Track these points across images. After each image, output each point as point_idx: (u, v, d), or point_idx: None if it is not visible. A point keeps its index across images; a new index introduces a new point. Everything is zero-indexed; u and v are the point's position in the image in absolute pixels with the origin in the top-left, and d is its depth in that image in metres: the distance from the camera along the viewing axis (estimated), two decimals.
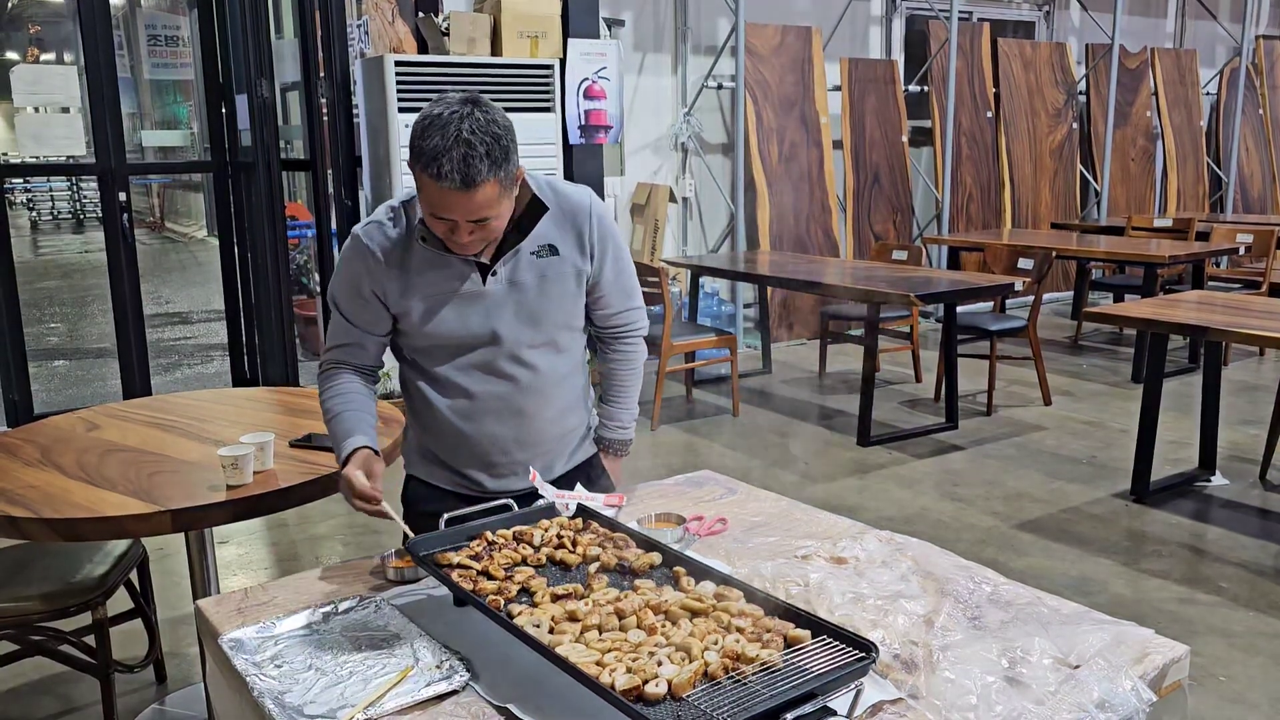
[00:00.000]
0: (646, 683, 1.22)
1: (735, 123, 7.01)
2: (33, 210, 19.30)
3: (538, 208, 1.82)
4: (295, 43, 5.46)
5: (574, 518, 1.75)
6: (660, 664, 1.26)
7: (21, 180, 17.17)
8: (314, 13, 5.26)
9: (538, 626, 1.37)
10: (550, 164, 5.39)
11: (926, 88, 8.01)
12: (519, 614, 1.41)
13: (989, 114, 8.32)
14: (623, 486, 2.09)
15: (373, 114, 5.13)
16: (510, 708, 1.33)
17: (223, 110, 5.40)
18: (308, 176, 5.70)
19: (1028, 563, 3.65)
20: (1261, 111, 10.21)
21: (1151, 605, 3.32)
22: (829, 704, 1.22)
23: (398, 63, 4.95)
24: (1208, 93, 9.97)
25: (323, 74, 5.36)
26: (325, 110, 5.43)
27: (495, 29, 5.31)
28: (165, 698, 2.85)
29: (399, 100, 4.94)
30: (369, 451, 1.79)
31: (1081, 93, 8.99)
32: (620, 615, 1.40)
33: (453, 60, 5.16)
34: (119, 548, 2.62)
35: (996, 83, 8.36)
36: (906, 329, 6.06)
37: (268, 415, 2.70)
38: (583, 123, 5.74)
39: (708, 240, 7.37)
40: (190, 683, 2.89)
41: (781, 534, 1.89)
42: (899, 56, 8.11)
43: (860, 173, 7.62)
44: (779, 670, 1.24)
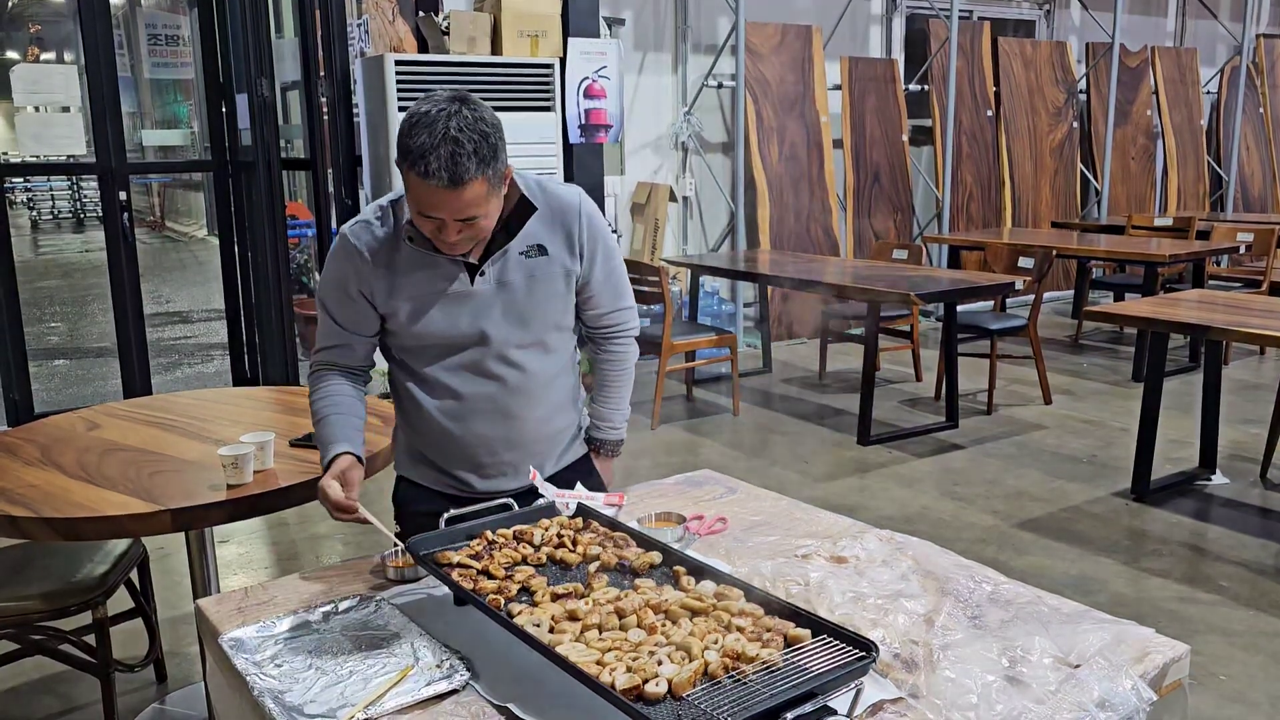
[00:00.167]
0: (646, 682, 1.22)
1: (735, 122, 7.00)
2: (33, 209, 19.31)
3: (526, 208, 1.80)
4: (295, 42, 5.46)
5: (574, 517, 1.75)
6: (660, 663, 1.26)
7: (22, 179, 17.16)
8: (314, 12, 5.26)
9: (538, 626, 1.37)
10: (550, 163, 5.39)
11: (927, 86, 8.00)
12: (519, 613, 1.41)
13: (989, 113, 8.32)
14: (618, 486, 2.08)
15: (373, 113, 5.13)
16: (510, 707, 1.33)
17: (223, 109, 5.40)
18: (308, 176, 5.71)
19: (1028, 562, 3.65)
20: (1262, 110, 10.20)
21: (1152, 604, 3.32)
22: (829, 703, 1.22)
23: (398, 62, 4.95)
24: (1208, 91, 9.96)
25: (323, 73, 5.36)
26: (325, 109, 5.43)
27: (495, 28, 5.31)
28: (166, 697, 2.85)
29: (399, 99, 4.94)
30: (348, 458, 1.77)
31: (1082, 91, 8.99)
32: (620, 614, 1.40)
33: (453, 59, 5.15)
34: (119, 547, 2.62)
35: (997, 81, 8.36)
36: (907, 328, 6.06)
37: (268, 414, 2.70)
38: (583, 122, 5.73)
39: (708, 239, 7.37)
40: (191, 682, 2.89)
41: (782, 533, 1.89)
42: (899, 55, 8.11)
43: (860, 172, 7.61)
44: (779, 669, 1.24)
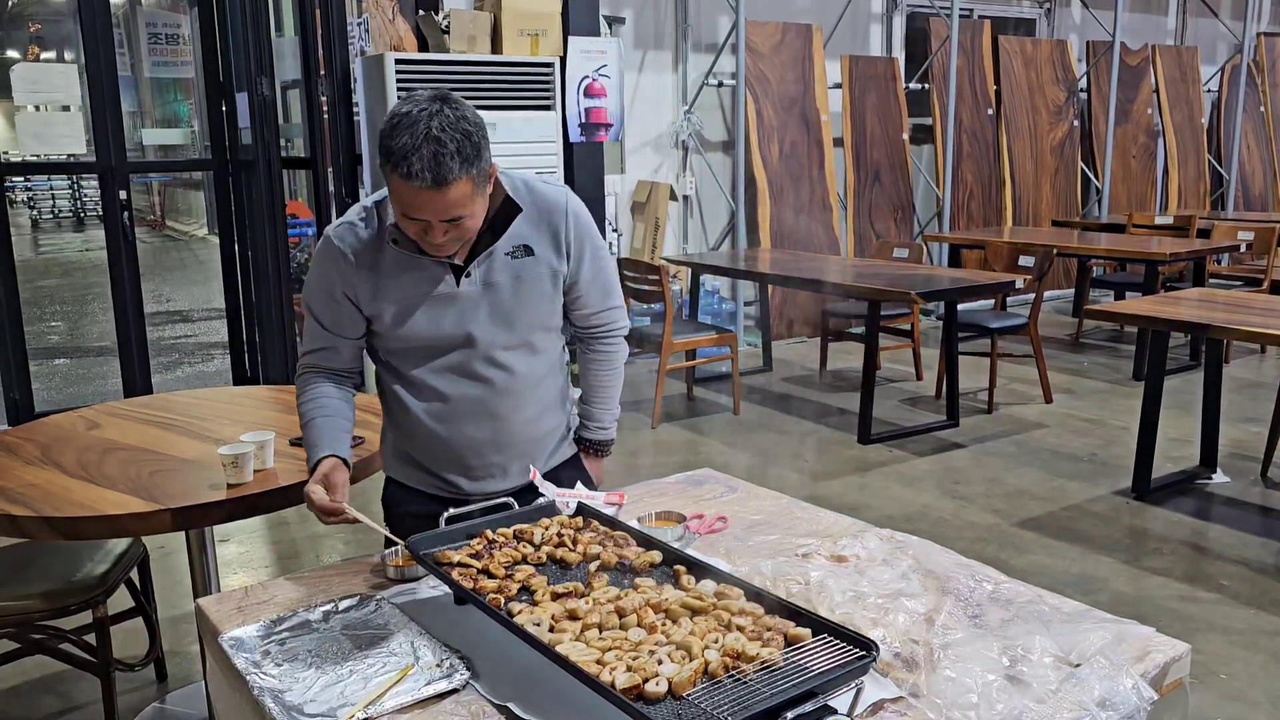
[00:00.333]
0: (647, 681, 1.22)
1: (736, 120, 7.00)
2: (33, 209, 19.30)
3: (512, 208, 1.79)
4: (295, 40, 5.45)
5: (574, 516, 1.75)
6: (660, 662, 1.26)
7: (22, 179, 17.16)
8: (314, 10, 5.26)
9: (538, 625, 1.37)
10: (550, 162, 5.39)
11: (927, 85, 8.00)
12: (519, 612, 1.41)
13: (990, 111, 8.31)
14: (619, 485, 2.07)
15: (373, 112, 5.13)
16: (510, 706, 1.33)
17: (223, 108, 5.40)
18: (308, 174, 5.70)
19: (1029, 561, 3.65)
20: (1262, 109, 10.20)
21: (1152, 603, 3.32)
22: (829, 702, 1.22)
23: (398, 61, 4.95)
24: (1209, 90, 9.96)
25: (323, 72, 5.36)
26: (325, 108, 5.42)
27: (495, 27, 5.31)
28: (166, 696, 2.85)
29: (399, 98, 4.93)
30: (331, 461, 1.76)
31: (1082, 90, 8.98)
32: (620, 614, 1.40)
33: (453, 58, 5.15)
34: (119, 546, 2.62)
35: (997, 80, 8.35)
36: (907, 327, 6.06)
37: (268, 413, 2.70)
38: (583, 120, 5.73)
39: (708, 238, 7.37)
40: (191, 681, 2.89)
41: (782, 532, 1.88)
42: (900, 54, 8.10)
43: (861, 170, 7.61)
44: (779, 669, 1.24)
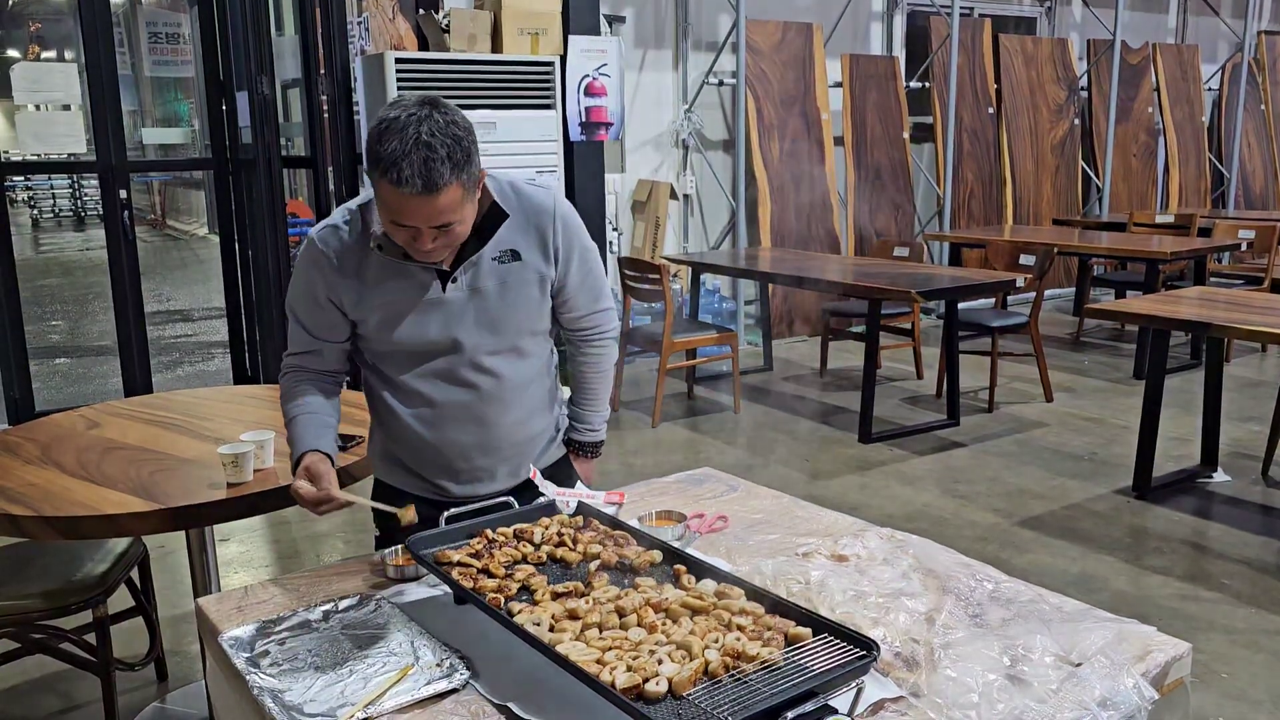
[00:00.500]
0: (647, 681, 1.22)
1: (736, 119, 7.00)
2: (34, 208, 19.33)
3: (498, 213, 1.77)
4: (296, 40, 5.45)
5: (574, 515, 1.75)
6: (661, 662, 1.26)
7: (22, 178, 17.17)
8: (314, 9, 5.26)
9: (538, 624, 1.37)
10: (551, 161, 5.39)
11: (928, 84, 8.00)
12: (519, 612, 1.41)
13: (990, 110, 8.31)
14: (619, 485, 2.07)
15: (373, 111, 5.13)
16: (511, 706, 1.33)
17: (223, 107, 5.40)
18: (308, 174, 5.70)
19: (1029, 560, 3.65)
20: (1263, 107, 10.19)
21: (1153, 602, 3.32)
22: (830, 702, 1.21)
23: (398, 60, 4.94)
24: (1209, 88, 9.95)
25: (323, 71, 5.36)
26: (326, 107, 5.42)
27: (496, 26, 5.31)
28: (166, 696, 2.85)
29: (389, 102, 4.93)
30: (314, 455, 1.75)
31: (1083, 88, 8.98)
32: (621, 613, 1.40)
33: (453, 57, 5.14)
34: (120, 546, 2.62)
35: (998, 79, 8.34)
36: (908, 325, 6.06)
37: (268, 413, 2.69)
38: (583, 119, 5.73)
39: (709, 237, 7.37)
40: (191, 680, 2.89)
41: (782, 531, 1.88)
42: (900, 52, 8.09)
43: (861, 169, 7.61)
44: (780, 668, 1.24)
